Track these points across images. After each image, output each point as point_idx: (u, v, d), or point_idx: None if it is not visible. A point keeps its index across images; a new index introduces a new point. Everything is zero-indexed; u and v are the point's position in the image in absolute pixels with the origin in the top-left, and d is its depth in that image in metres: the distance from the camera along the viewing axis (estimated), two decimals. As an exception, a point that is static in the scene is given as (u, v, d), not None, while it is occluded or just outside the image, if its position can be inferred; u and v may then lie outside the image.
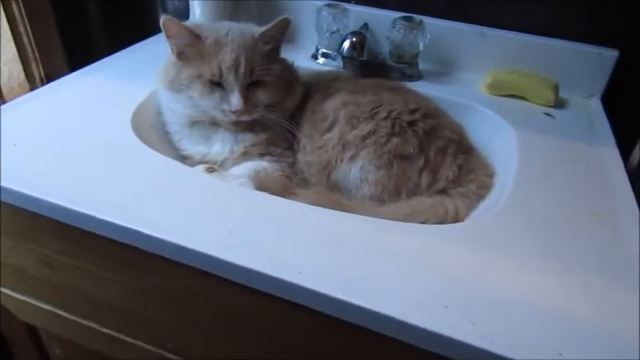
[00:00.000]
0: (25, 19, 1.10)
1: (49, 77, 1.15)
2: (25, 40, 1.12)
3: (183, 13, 1.11)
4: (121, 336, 0.75)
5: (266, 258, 0.53)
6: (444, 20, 1.00)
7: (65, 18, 1.17)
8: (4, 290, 0.81)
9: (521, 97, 0.94)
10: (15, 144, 0.70)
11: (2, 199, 0.64)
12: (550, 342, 0.46)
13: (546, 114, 0.90)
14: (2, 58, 1.10)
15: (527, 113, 0.89)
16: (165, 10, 1.20)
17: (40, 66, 1.17)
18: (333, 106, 0.78)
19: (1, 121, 0.74)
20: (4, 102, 1.09)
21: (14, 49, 1.11)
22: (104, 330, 0.76)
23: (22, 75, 1.15)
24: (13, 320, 0.86)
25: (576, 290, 0.52)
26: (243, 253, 0.53)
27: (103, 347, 0.80)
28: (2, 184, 0.63)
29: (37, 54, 1.15)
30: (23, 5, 1.07)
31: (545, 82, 0.92)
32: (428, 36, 0.96)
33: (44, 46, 1.15)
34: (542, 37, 0.96)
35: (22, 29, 1.11)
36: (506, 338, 0.46)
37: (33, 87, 1.15)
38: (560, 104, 0.92)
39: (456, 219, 0.70)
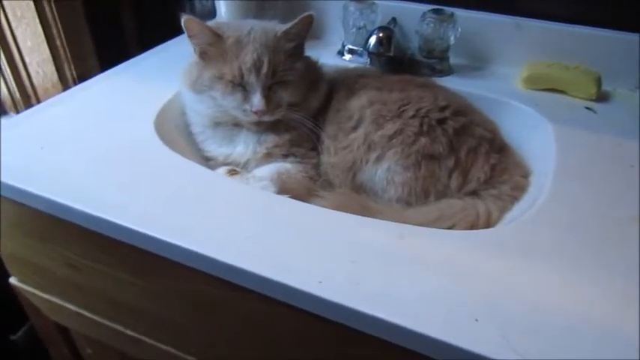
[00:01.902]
0: (58, 21, 1.11)
1: (82, 77, 1.17)
2: (58, 42, 1.14)
3: (210, 12, 1.10)
4: (145, 339, 0.75)
5: (284, 266, 0.51)
6: (477, 12, 0.95)
7: (97, 20, 1.19)
8: (34, 291, 0.83)
9: (561, 91, 0.88)
10: (42, 147, 0.70)
11: (26, 203, 0.65)
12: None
13: (587, 108, 0.84)
14: (36, 60, 1.13)
15: (566, 108, 0.84)
16: (192, 9, 1.19)
17: (73, 67, 1.18)
18: (358, 104, 0.76)
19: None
20: (38, 102, 1.12)
21: (48, 51, 1.13)
22: (129, 332, 0.76)
23: (56, 76, 1.17)
24: (45, 320, 0.88)
25: (619, 302, 0.49)
26: (260, 261, 0.52)
27: (129, 349, 0.80)
28: (27, 188, 0.63)
29: (69, 55, 1.16)
30: (56, 8, 1.09)
31: (587, 75, 0.87)
32: (459, 29, 0.92)
33: (76, 48, 1.17)
34: (583, 26, 0.90)
35: (55, 32, 1.12)
36: (541, 355, 0.43)
37: (65, 87, 1.17)
38: (602, 97, 0.87)
39: (488, 222, 0.66)
